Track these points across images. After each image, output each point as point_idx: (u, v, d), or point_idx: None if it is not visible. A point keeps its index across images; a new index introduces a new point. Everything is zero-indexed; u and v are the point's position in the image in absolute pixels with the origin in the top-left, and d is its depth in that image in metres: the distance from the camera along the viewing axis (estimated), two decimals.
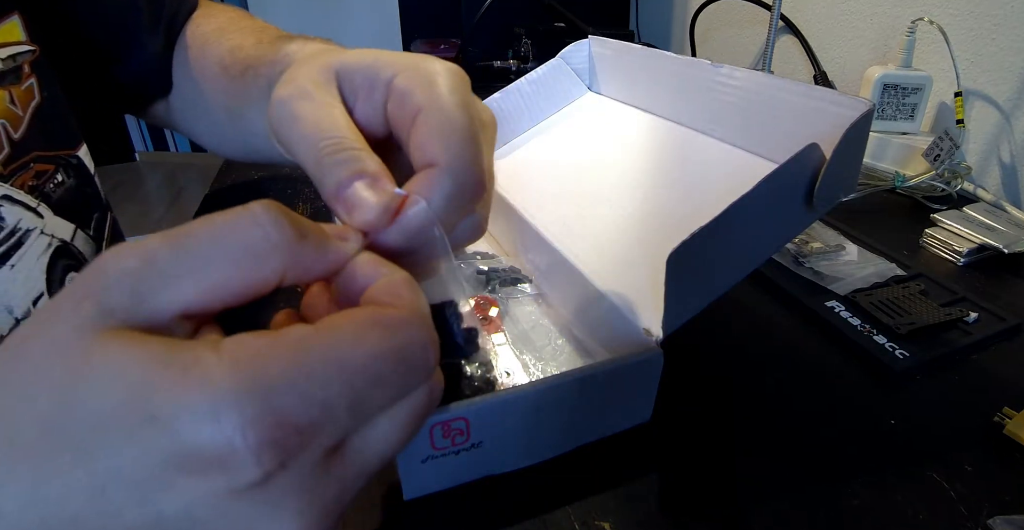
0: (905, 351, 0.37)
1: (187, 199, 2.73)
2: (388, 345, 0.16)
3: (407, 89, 0.23)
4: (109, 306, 0.15)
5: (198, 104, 0.45)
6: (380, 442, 0.17)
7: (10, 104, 0.35)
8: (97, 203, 0.43)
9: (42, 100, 0.37)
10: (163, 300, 0.16)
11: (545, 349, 0.37)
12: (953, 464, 0.31)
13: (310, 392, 0.15)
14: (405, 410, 0.18)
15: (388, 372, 0.16)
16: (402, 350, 0.17)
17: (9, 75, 0.35)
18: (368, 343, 0.16)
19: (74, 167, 0.40)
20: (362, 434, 0.17)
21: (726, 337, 0.41)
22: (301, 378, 0.15)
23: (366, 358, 0.16)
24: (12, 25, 0.36)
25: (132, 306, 0.15)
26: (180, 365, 0.14)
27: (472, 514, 0.29)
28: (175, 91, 0.47)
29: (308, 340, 0.16)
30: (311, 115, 0.22)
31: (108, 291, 0.15)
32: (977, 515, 0.28)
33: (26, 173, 0.35)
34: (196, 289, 0.16)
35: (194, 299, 0.16)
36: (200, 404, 0.14)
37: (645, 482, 0.30)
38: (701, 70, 0.40)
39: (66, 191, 0.38)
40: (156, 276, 0.16)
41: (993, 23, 0.60)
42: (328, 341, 0.16)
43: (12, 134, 0.34)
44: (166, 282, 0.16)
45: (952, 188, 0.58)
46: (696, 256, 0.28)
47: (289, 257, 0.17)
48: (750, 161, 0.36)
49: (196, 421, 0.14)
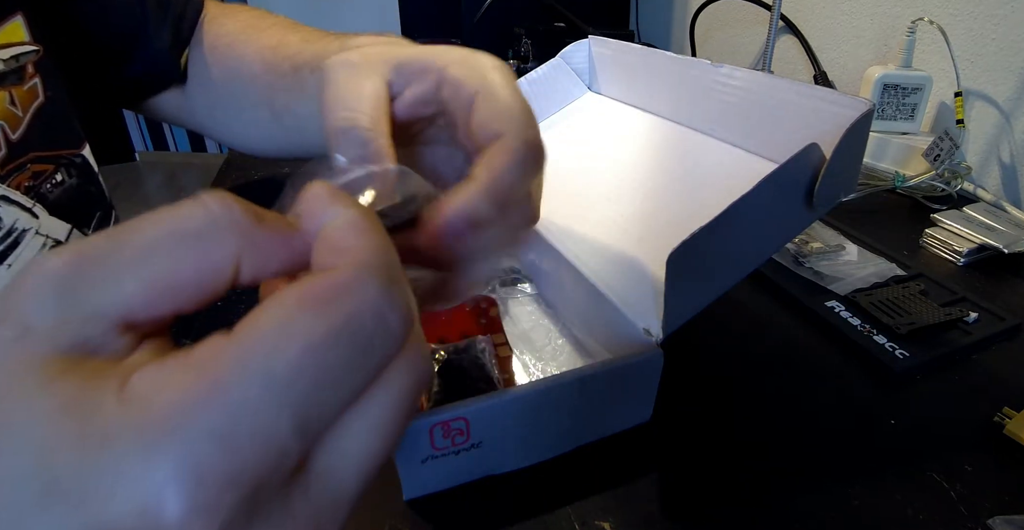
0: (905, 351, 0.37)
1: None
2: (325, 326, 0.12)
3: (461, 77, 0.24)
4: (31, 323, 0.13)
5: (230, 103, 0.46)
6: (355, 452, 0.14)
7: (10, 105, 0.35)
8: (100, 202, 0.43)
9: (45, 100, 0.37)
10: (97, 303, 0.13)
11: (545, 349, 0.37)
12: (953, 464, 0.31)
13: (234, 426, 0.12)
14: (380, 401, 0.14)
15: (334, 361, 0.13)
16: (347, 325, 0.13)
17: (11, 76, 0.35)
18: (298, 333, 0.12)
19: (77, 166, 0.40)
20: (326, 449, 0.13)
21: (726, 337, 0.41)
22: (217, 410, 0.12)
23: (299, 354, 0.12)
24: (15, 25, 0.36)
25: (61, 316, 0.13)
26: (80, 415, 0.12)
27: (472, 514, 0.29)
28: (199, 91, 0.48)
29: (223, 354, 0.12)
30: (343, 85, 0.24)
31: (26, 304, 0.13)
32: (977, 515, 0.28)
33: (23, 174, 0.35)
34: (136, 285, 0.13)
35: (135, 299, 0.13)
36: (103, 471, 0.11)
37: (645, 482, 0.30)
38: (701, 70, 0.40)
39: (65, 191, 0.38)
40: (88, 274, 0.13)
41: (993, 23, 0.60)
42: (247, 347, 0.12)
43: (10, 135, 0.34)
44: (100, 280, 0.13)
45: (952, 188, 0.58)
46: (696, 256, 0.28)
47: (242, 239, 0.14)
48: (750, 161, 0.36)
49: (103, 493, 0.11)
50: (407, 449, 0.27)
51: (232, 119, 0.48)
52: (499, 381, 0.32)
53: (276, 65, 0.42)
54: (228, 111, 0.47)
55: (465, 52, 0.25)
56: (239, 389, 0.12)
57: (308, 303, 0.13)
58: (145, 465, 0.11)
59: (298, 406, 0.12)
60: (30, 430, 0.12)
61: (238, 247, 0.14)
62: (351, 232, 0.14)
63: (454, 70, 0.24)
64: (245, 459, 0.12)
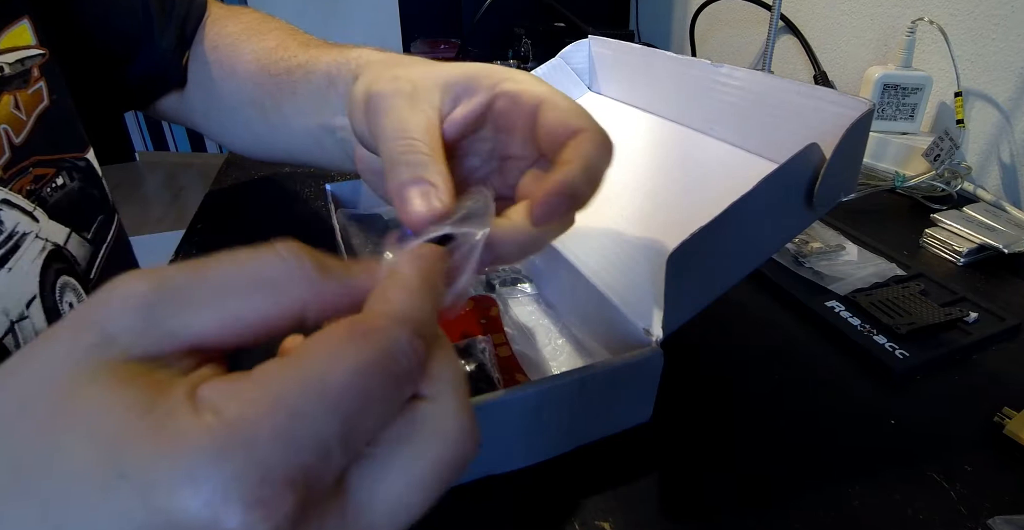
0: (905, 351, 0.37)
1: (187, 199, 2.73)
2: (367, 354, 0.15)
3: (519, 90, 0.26)
4: (112, 332, 0.14)
5: (224, 102, 0.46)
6: (387, 494, 0.15)
7: (14, 109, 0.35)
8: (102, 206, 0.43)
9: (50, 103, 0.37)
10: (177, 326, 0.15)
11: (545, 349, 0.37)
12: (953, 464, 0.31)
13: (294, 430, 0.13)
14: (416, 453, 0.16)
15: (374, 386, 0.15)
16: (383, 357, 0.15)
17: (16, 79, 0.35)
18: (346, 357, 0.14)
19: (80, 170, 0.40)
20: (364, 482, 0.15)
21: (726, 337, 0.41)
22: (281, 416, 0.13)
23: (347, 374, 0.14)
24: (22, 29, 0.36)
25: (140, 331, 0.14)
26: (155, 418, 0.13)
27: (472, 514, 0.29)
28: (196, 90, 0.48)
29: (282, 371, 0.14)
30: (400, 113, 0.25)
31: (113, 315, 0.14)
32: (977, 515, 0.28)
33: (25, 177, 0.35)
34: (211, 318, 0.15)
35: (210, 330, 0.15)
36: (175, 466, 0.12)
37: (645, 482, 0.30)
38: (701, 70, 0.40)
39: (65, 195, 0.38)
40: (172, 299, 0.15)
41: (993, 23, 0.60)
42: (304, 366, 0.14)
43: (14, 139, 0.35)
44: (182, 307, 0.15)
45: (952, 188, 0.58)
46: (696, 256, 0.28)
47: (310, 289, 0.16)
48: (750, 161, 0.36)
49: (172, 485, 0.12)
50: None
51: (226, 118, 0.48)
52: (499, 381, 0.32)
53: (270, 66, 0.42)
54: (222, 111, 0.48)
55: (502, 68, 0.28)
56: (299, 399, 0.14)
57: (355, 335, 0.15)
58: (216, 464, 0.12)
59: (345, 416, 0.14)
60: (104, 421, 0.13)
61: (305, 295, 0.16)
62: (397, 289, 0.17)
63: (508, 85, 0.27)
64: (302, 460, 0.13)
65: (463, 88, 0.27)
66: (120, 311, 0.14)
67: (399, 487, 0.15)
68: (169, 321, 0.15)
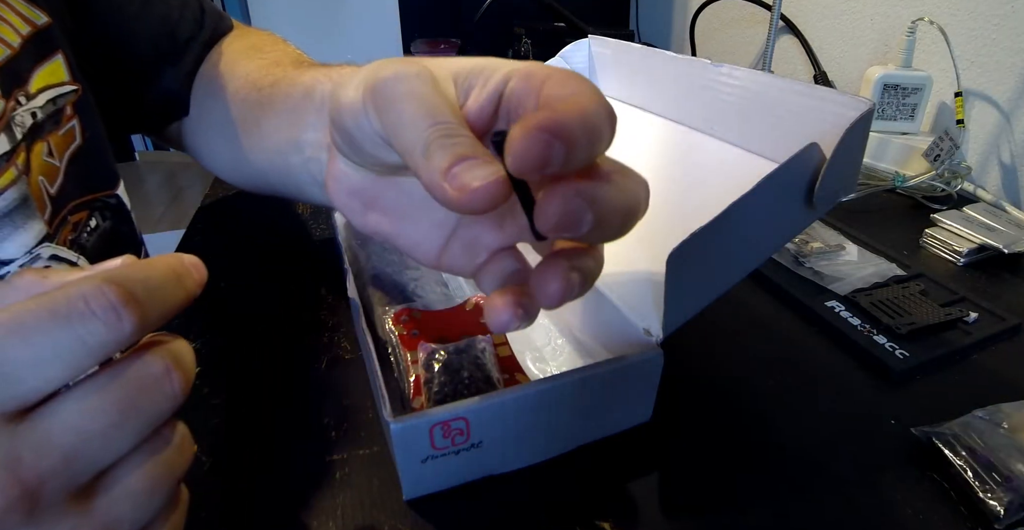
0: (905, 351, 0.37)
1: (187, 199, 2.73)
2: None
3: (530, 68, 0.24)
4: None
5: (213, 119, 0.44)
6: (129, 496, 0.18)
7: (47, 157, 0.34)
8: (131, 242, 0.42)
9: (83, 142, 0.37)
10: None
11: (545, 349, 0.37)
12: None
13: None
14: (139, 462, 0.18)
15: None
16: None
17: (48, 122, 0.34)
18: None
19: (111, 208, 0.40)
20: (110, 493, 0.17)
21: (726, 337, 0.41)
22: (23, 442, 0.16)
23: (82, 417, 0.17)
24: (56, 65, 0.35)
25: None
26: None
27: (472, 514, 0.29)
28: (194, 110, 0.46)
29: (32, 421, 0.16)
30: (427, 98, 0.22)
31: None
32: (977, 516, 0.28)
33: (65, 228, 0.35)
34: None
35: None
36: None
37: (645, 482, 0.30)
38: (701, 69, 0.40)
39: (100, 236, 0.38)
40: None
41: (993, 23, 0.60)
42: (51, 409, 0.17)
43: (50, 189, 0.34)
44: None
45: (952, 188, 0.58)
46: (696, 256, 0.28)
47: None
48: (750, 161, 0.36)
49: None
50: (407, 449, 0.27)
51: (212, 138, 0.46)
52: (499, 381, 0.32)
53: (259, 80, 0.40)
54: (211, 128, 0.45)
55: (509, 60, 0.26)
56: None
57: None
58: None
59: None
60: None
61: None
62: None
63: (520, 65, 0.25)
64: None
65: (474, 78, 0.25)
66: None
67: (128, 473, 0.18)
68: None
